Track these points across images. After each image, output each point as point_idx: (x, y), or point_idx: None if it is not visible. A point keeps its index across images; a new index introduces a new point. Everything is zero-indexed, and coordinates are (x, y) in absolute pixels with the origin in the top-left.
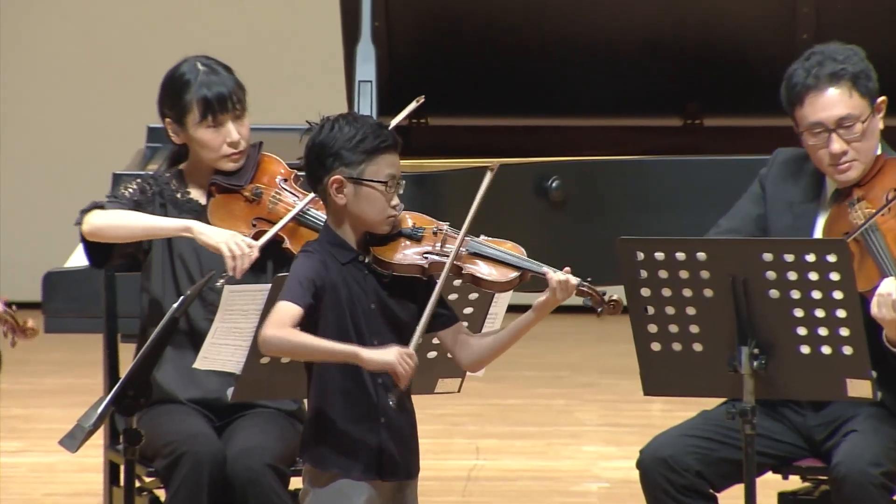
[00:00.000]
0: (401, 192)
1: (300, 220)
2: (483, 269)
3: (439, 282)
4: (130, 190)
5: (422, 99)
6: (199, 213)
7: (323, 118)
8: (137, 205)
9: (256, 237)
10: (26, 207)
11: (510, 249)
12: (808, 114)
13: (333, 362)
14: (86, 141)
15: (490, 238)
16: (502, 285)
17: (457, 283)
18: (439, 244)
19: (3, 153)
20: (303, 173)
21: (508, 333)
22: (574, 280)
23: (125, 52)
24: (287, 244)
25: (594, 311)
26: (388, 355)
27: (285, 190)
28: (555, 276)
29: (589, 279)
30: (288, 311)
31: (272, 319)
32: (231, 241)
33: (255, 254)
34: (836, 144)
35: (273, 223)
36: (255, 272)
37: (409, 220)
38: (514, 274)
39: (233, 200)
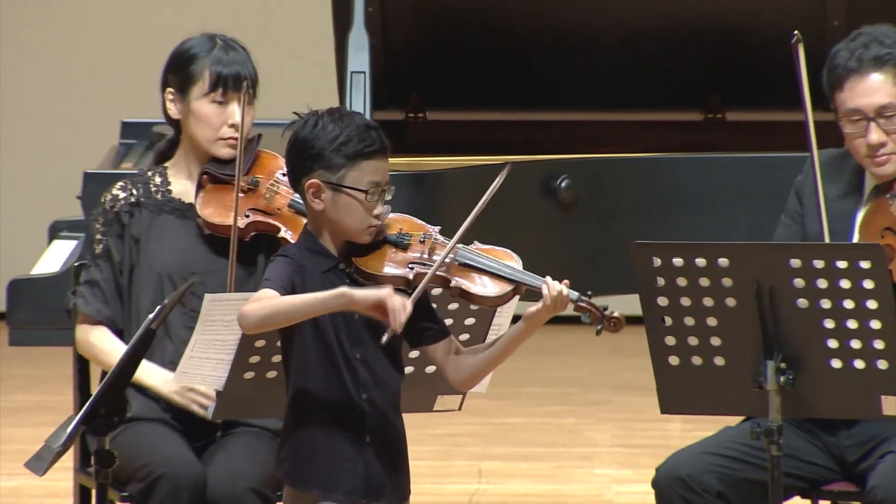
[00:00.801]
0: (388, 198)
1: (297, 207)
2: (473, 283)
3: (418, 289)
4: (98, 236)
5: None
6: (183, 213)
7: (310, 111)
8: (114, 248)
9: (249, 228)
10: None
11: (504, 258)
12: (846, 99)
13: (314, 374)
14: (57, 137)
15: (483, 246)
16: (494, 300)
17: (453, 306)
18: (427, 253)
19: None
20: None
21: (499, 348)
22: (569, 293)
23: (100, 44)
24: (283, 233)
25: (595, 330)
26: (380, 290)
27: (283, 184)
28: (550, 285)
29: (589, 293)
30: (266, 293)
31: (251, 300)
32: (192, 396)
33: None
34: (875, 134)
35: (269, 213)
36: (246, 266)
37: (397, 224)
38: (507, 288)
39: (226, 191)
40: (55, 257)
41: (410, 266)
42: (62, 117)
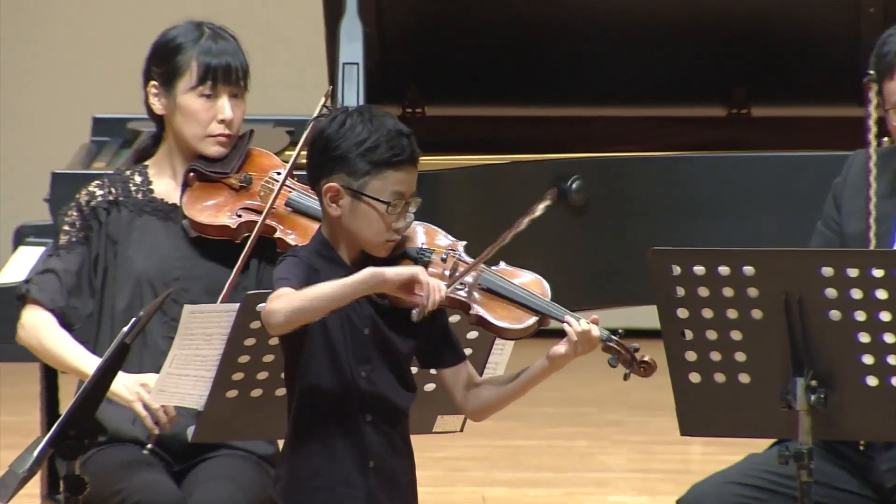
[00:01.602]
0: (412, 210)
1: (294, 205)
2: (494, 313)
3: (454, 282)
4: (66, 227)
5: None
6: (166, 214)
7: (341, 108)
8: (85, 238)
9: (242, 228)
10: None
11: (531, 287)
12: None
13: (319, 391)
14: (22, 135)
15: (508, 268)
16: (516, 332)
17: (454, 318)
18: (448, 272)
19: None
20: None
21: (519, 384)
22: (598, 332)
23: (70, 36)
24: (279, 233)
25: (623, 374)
26: (412, 268)
27: (278, 182)
28: (577, 326)
29: (620, 332)
30: (285, 289)
31: (270, 299)
32: (146, 398)
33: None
34: None
35: (263, 213)
36: (242, 272)
37: (419, 236)
38: (531, 320)
39: (215, 189)
40: (21, 265)
41: None
42: (28, 113)
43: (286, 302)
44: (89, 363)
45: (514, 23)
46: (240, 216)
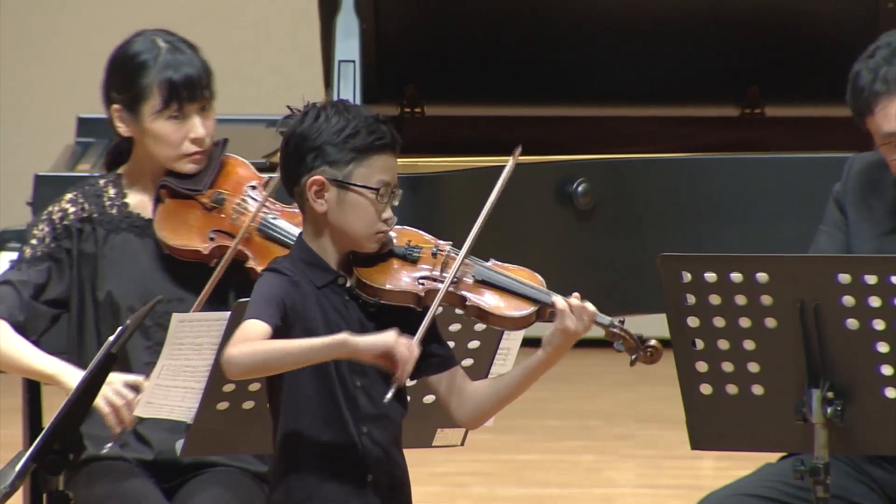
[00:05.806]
0: (395, 203)
1: (267, 232)
2: (491, 301)
3: (432, 307)
4: (34, 241)
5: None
6: (143, 230)
7: (307, 104)
8: (50, 256)
9: (214, 253)
10: None
11: (526, 278)
12: (881, 123)
13: (308, 407)
14: (4, 135)
15: (502, 263)
16: (515, 321)
17: (454, 327)
18: (439, 268)
19: None
20: (275, 176)
21: (515, 379)
22: (593, 308)
23: (53, 33)
24: (252, 263)
25: (629, 360)
26: (385, 337)
27: (253, 198)
28: (565, 301)
29: (621, 320)
30: (254, 328)
31: (236, 338)
32: (109, 394)
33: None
34: None
35: (235, 237)
36: (215, 304)
37: (404, 237)
38: (529, 308)
39: (187, 208)
40: (0, 271)
41: (420, 281)
42: (11, 113)
43: (248, 354)
44: (47, 362)
45: (517, 18)
46: (212, 239)
